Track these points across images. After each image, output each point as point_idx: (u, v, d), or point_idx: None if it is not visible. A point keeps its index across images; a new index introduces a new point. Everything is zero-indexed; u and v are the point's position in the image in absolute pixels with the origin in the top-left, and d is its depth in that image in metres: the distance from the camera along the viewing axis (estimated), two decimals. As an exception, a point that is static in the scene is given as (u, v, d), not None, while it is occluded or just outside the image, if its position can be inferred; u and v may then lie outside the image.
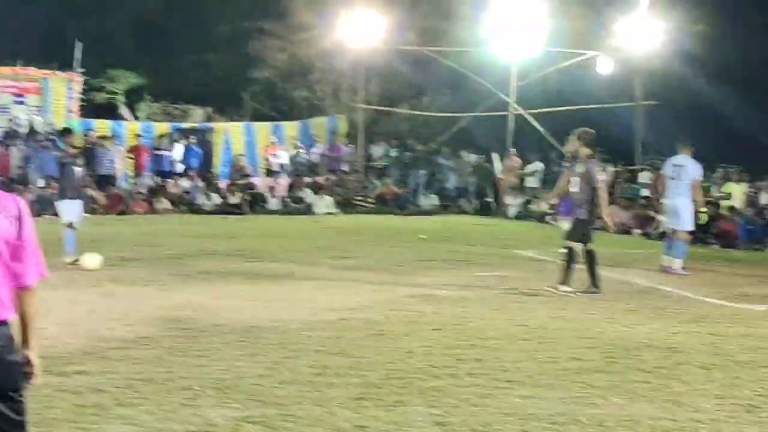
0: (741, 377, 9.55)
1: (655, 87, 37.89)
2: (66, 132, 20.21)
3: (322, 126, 40.80)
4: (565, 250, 15.74)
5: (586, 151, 15.63)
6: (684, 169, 19.13)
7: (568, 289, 15.11)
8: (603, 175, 15.73)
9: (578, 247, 15.45)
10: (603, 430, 7.64)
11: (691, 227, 19.63)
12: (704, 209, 20.27)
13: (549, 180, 36.61)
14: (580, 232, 15.50)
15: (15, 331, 5.34)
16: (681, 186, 19.13)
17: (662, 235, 22.80)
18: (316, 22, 40.94)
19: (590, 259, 15.62)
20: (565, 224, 16.68)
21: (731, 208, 26.14)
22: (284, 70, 44.19)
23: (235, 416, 7.83)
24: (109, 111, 42.93)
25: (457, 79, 41.17)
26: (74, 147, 18.85)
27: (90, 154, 33.07)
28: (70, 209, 18.29)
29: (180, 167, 37.06)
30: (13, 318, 5.30)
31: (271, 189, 36.26)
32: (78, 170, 18.51)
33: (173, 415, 7.85)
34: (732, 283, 17.61)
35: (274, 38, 43.61)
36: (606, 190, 15.85)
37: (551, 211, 29.01)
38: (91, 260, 17.42)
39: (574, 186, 15.57)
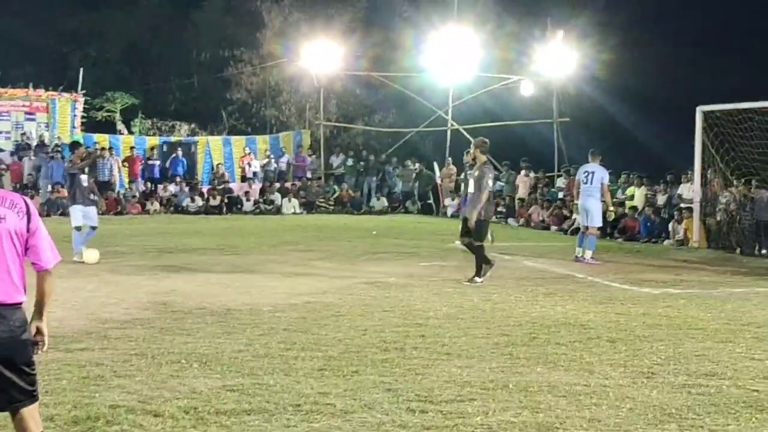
0: (642, 349, 9.61)
1: (569, 106, 38.12)
2: (75, 145, 19.72)
3: (289, 139, 40.68)
4: (462, 246, 15.58)
5: (482, 158, 15.37)
6: (594, 175, 19.23)
7: (479, 280, 14.86)
8: (492, 181, 15.28)
9: (487, 242, 15.30)
10: (527, 394, 7.66)
11: (600, 224, 19.74)
12: (612, 209, 20.40)
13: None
14: (483, 231, 15.24)
15: (27, 313, 5.31)
16: (592, 189, 19.23)
17: (576, 231, 22.95)
18: (283, 52, 40.92)
19: (479, 253, 15.32)
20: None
21: (633, 208, 26.27)
22: (257, 92, 44.08)
23: (216, 385, 7.80)
24: (107, 127, 42.65)
25: (403, 99, 41.24)
26: (81, 158, 18.35)
27: (92, 163, 32.89)
28: (80, 215, 17.76)
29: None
30: (25, 301, 5.28)
31: (246, 193, 36.14)
32: (84, 178, 18.00)
33: (164, 385, 7.81)
34: (634, 270, 17.70)
35: (247, 65, 43.52)
36: (490, 195, 15.34)
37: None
38: (91, 255, 17.23)
39: (470, 188, 15.38)
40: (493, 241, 16.55)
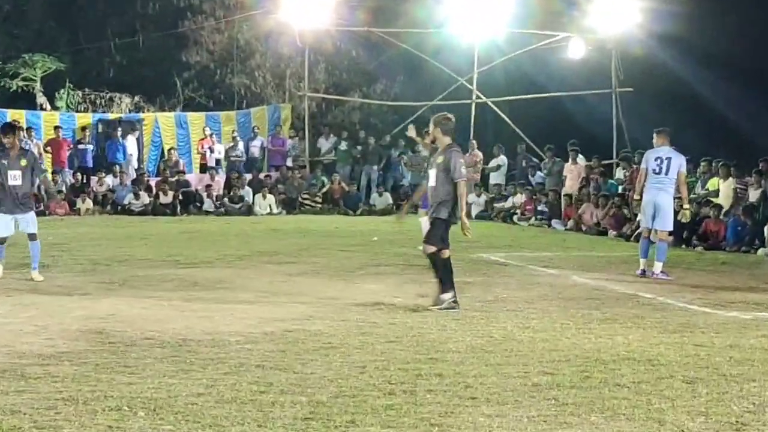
0: (729, 392, 9.60)
1: (633, 72, 38.07)
2: (8, 128, 18.78)
3: (264, 116, 40.80)
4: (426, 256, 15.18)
5: (445, 139, 14.97)
6: (670, 162, 18.99)
7: (448, 296, 14.55)
8: (464, 168, 14.91)
9: (446, 251, 14.88)
10: (577, 452, 7.68)
11: (671, 227, 19.66)
12: (687, 206, 20.29)
13: (515, 176, 36.80)
14: (440, 234, 14.86)
15: None
16: (666, 181, 19.02)
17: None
18: (256, 0, 40.94)
19: (436, 262, 14.95)
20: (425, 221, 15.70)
21: (717, 207, 26.19)
22: (221, 53, 44.13)
23: (168, 439, 7.81)
24: (24, 99, 42.66)
25: (414, 64, 41.28)
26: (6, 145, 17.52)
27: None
28: (6, 222, 17.30)
29: (133, 161, 37.23)
30: None
31: (207, 187, 36.18)
32: (15, 174, 17.18)
33: (99, 439, 7.82)
34: (718, 288, 17.69)
35: (209, 18, 43.54)
36: (466, 186, 15.06)
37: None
38: None
39: (432, 180, 14.98)
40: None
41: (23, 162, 17.41)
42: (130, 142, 37.84)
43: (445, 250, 14.98)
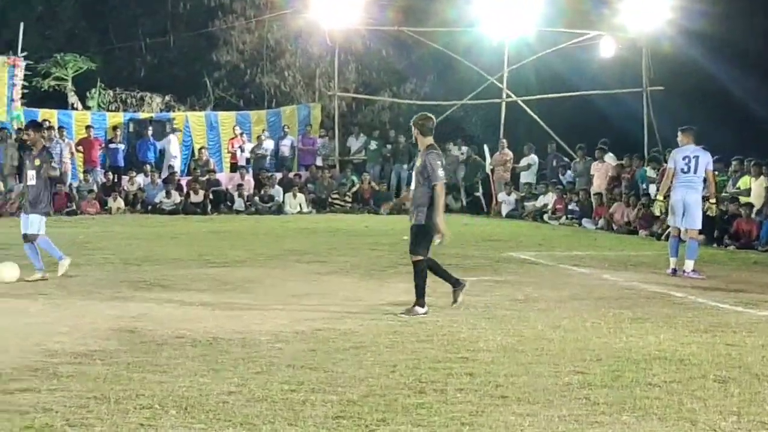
0: (761, 392, 9.56)
1: (663, 70, 37.85)
2: (31, 126, 18.57)
3: (294, 116, 40.76)
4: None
5: (425, 140, 14.61)
6: (699, 161, 19.03)
7: (422, 311, 14.00)
8: (442, 170, 14.01)
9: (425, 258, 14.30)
10: (609, 452, 7.65)
11: (700, 225, 19.59)
12: (713, 201, 20.32)
13: (545, 175, 36.68)
14: (422, 241, 14.28)
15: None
16: (696, 180, 19.09)
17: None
18: (286, 0, 40.92)
19: (418, 271, 14.33)
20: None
21: (748, 205, 26.04)
22: (251, 53, 44.13)
23: (199, 438, 7.82)
24: (56, 99, 42.70)
25: (444, 63, 41.19)
26: (27, 142, 17.12)
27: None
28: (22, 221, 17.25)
29: (177, 163, 37.35)
30: None
31: (238, 186, 36.20)
32: (32, 174, 17.05)
33: (131, 438, 7.84)
34: (751, 288, 17.60)
35: (240, 18, 43.54)
36: (443, 190, 14.51)
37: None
38: (7, 271, 16.75)
39: (413, 183, 14.56)
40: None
41: (37, 162, 17.18)
42: (173, 143, 37.87)
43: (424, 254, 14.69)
